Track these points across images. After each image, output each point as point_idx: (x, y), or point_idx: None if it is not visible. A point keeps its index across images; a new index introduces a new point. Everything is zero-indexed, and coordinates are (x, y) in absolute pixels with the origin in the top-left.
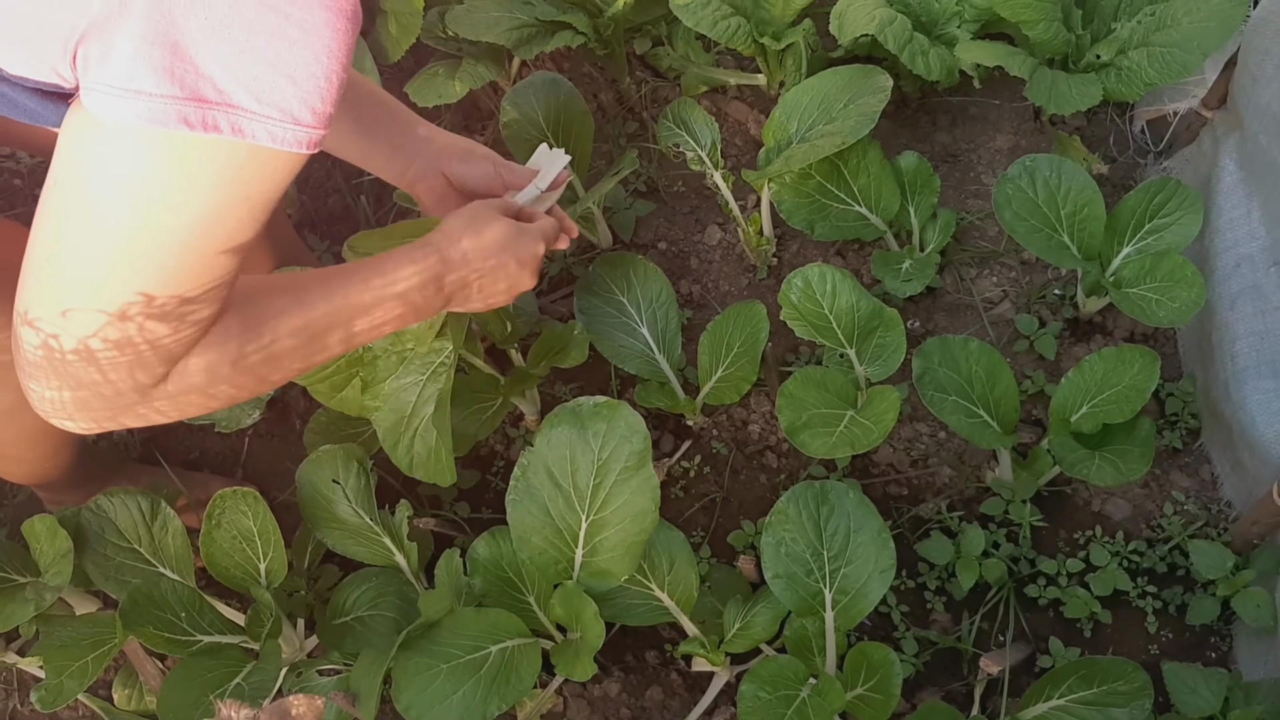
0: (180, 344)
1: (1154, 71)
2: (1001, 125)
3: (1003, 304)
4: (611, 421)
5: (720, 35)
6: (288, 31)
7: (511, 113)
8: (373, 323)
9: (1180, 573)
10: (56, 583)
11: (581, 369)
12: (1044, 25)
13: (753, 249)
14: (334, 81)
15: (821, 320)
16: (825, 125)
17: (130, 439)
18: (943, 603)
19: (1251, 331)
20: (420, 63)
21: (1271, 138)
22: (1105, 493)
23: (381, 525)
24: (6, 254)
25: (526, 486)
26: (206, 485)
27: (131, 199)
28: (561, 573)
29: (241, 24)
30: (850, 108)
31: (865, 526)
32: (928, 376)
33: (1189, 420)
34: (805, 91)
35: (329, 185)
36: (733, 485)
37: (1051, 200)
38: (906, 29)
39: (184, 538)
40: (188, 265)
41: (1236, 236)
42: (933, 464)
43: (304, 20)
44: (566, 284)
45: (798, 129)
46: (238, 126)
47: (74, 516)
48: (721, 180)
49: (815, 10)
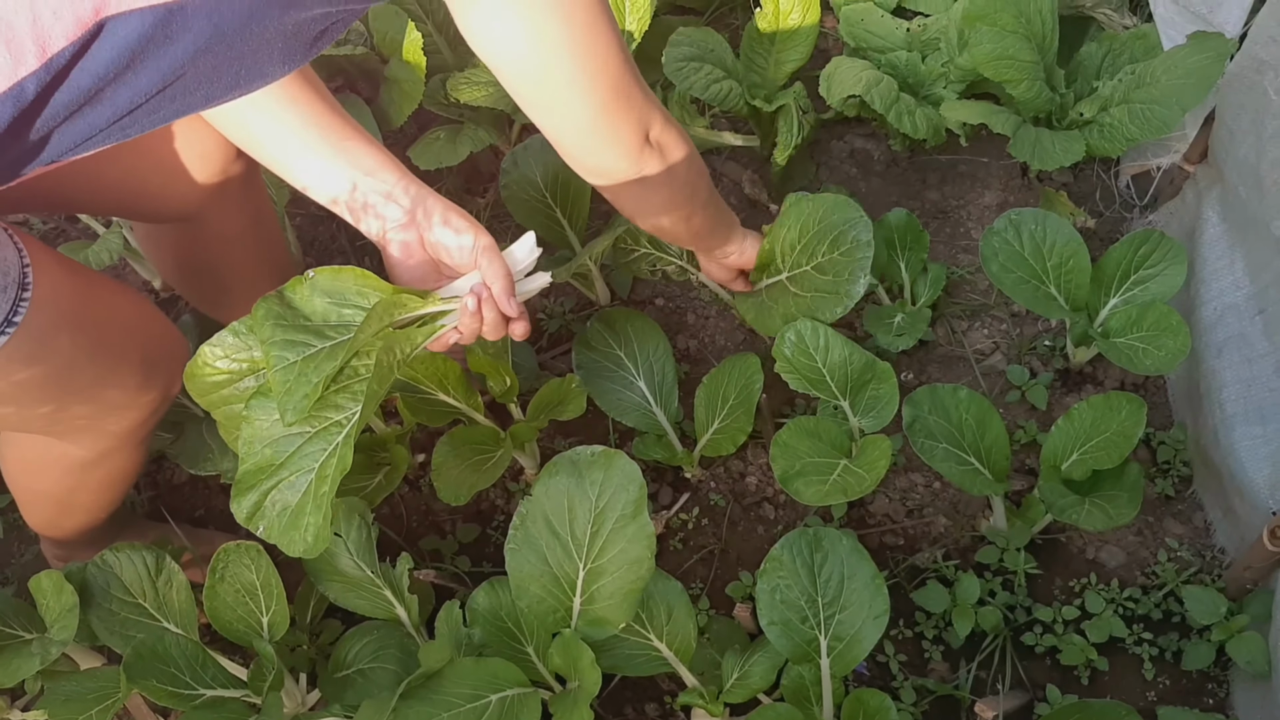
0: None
1: (1135, 128)
2: (990, 182)
3: (994, 355)
4: (608, 470)
5: (713, 98)
6: None
7: (511, 174)
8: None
9: (1175, 619)
10: (62, 637)
11: (581, 423)
12: (1026, 84)
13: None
14: None
15: (815, 374)
16: (812, 269)
17: (138, 497)
18: (940, 651)
19: (1238, 379)
20: (423, 128)
21: (1251, 190)
22: (1099, 540)
23: (383, 578)
24: (126, 317)
25: (525, 535)
26: (212, 541)
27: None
28: (560, 621)
29: None
30: (834, 258)
31: (859, 572)
32: (918, 424)
33: (1181, 468)
34: (785, 225)
35: (334, 246)
36: (731, 537)
37: (1038, 252)
38: (893, 90)
39: (188, 592)
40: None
41: (1221, 286)
42: (928, 514)
43: None
44: (565, 340)
45: (785, 263)
46: None
47: (80, 572)
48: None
49: (805, 73)
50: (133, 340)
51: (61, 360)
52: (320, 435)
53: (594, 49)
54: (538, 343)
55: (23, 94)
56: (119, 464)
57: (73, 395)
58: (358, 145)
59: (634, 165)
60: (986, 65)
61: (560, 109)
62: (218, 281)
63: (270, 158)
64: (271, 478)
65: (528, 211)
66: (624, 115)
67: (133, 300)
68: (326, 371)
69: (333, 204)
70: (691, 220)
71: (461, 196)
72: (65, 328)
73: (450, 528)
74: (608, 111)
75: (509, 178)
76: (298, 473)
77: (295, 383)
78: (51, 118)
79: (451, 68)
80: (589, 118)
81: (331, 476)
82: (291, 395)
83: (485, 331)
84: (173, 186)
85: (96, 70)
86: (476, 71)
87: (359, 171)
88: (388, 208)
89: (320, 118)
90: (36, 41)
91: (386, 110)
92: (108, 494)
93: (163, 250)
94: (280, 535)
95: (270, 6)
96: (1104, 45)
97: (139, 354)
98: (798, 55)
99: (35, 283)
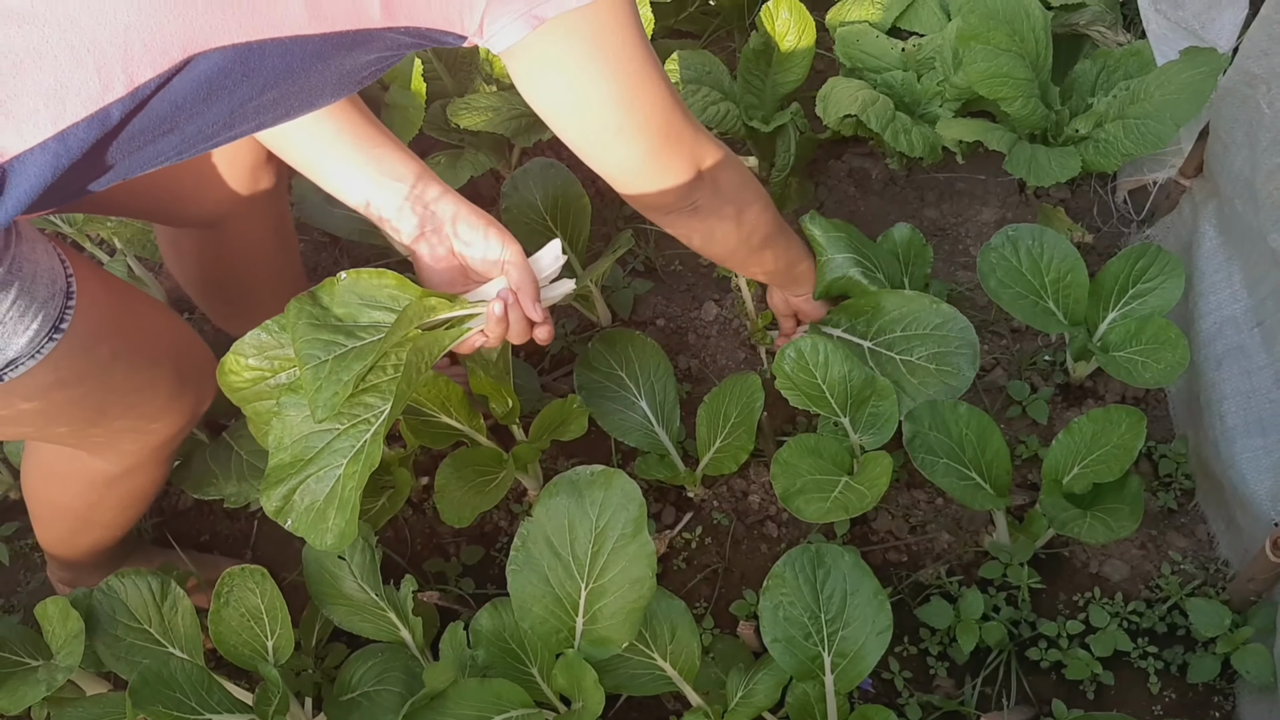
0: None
1: (1130, 143)
2: (988, 199)
3: (995, 371)
4: (608, 490)
5: (711, 121)
6: None
7: (512, 197)
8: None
9: (1180, 632)
10: (68, 664)
11: (583, 444)
12: (1021, 102)
13: (758, 341)
14: None
15: (815, 390)
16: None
17: (143, 523)
18: (945, 668)
19: (1238, 391)
20: (424, 153)
21: (1246, 203)
22: (1103, 554)
23: (387, 601)
24: (160, 330)
25: (527, 556)
26: (217, 566)
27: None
28: (563, 641)
29: None
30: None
31: (861, 588)
32: (918, 440)
33: (1183, 480)
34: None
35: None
36: (734, 555)
37: (1035, 268)
38: (889, 109)
39: (193, 617)
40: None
41: (1219, 299)
42: (931, 530)
43: None
44: (567, 362)
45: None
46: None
47: (85, 598)
48: (744, 284)
49: (802, 94)
50: (166, 353)
51: (101, 369)
52: (349, 432)
53: (640, 99)
54: (540, 364)
55: (108, 119)
56: (141, 481)
57: (108, 406)
58: (389, 152)
59: (685, 199)
60: (981, 83)
61: (610, 155)
62: (236, 291)
63: (304, 163)
64: (301, 472)
65: (528, 234)
66: (673, 156)
67: (166, 314)
68: (356, 371)
69: (365, 208)
70: (764, 255)
71: None
72: (106, 337)
73: (454, 549)
74: (657, 154)
75: (509, 201)
76: (326, 468)
77: (326, 381)
78: (128, 142)
79: (451, 93)
80: (637, 161)
81: (359, 473)
82: (322, 393)
83: (511, 335)
84: (203, 189)
85: (175, 100)
86: (476, 97)
87: (390, 178)
88: (418, 214)
89: (354, 126)
90: (125, 70)
91: None
92: (127, 512)
93: (184, 257)
94: (308, 529)
95: (337, 49)
96: (1098, 62)
97: (172, 366)
98: (794, 76)
99: (78, 291)
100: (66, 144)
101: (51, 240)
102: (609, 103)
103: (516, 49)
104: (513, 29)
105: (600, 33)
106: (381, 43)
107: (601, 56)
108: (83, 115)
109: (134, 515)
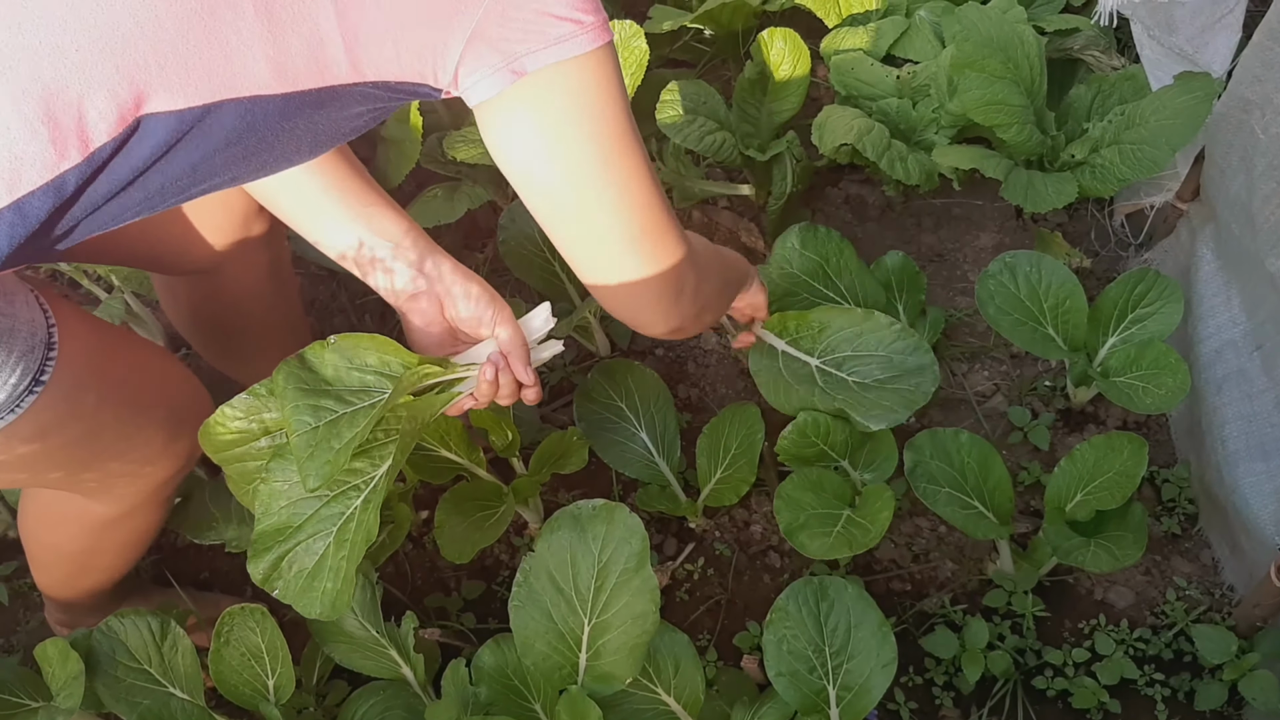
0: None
1: (1126, 168)
2: (985, 225)
3: (995, 397)
4: (611, 524)
5: (707, 150)
6: None
7: (509, 229)
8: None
9: (1186, 659)
10: (68, 705)
11: (583, 476)
12: (1017, 128)
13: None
14: None
15: (820, 455)
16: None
17: (142, 561)
18: (951, 698)
19: (1239, 415)
20: (420, 186)
21: (1243, 227)
22: (1107, 581)
23: (388, 638)
24: (152, 373)
25: (529, 592)
26: (216, 604)
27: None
28: (566, 678)
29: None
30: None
31: (865, 621)
32: (920, 469)
33: (1186, 505)
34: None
35: (334, 305)
36: (737, 586)
37: (1034, 294)
38: (884, 137)
39: (193, 657)
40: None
41: (1218, 323)
42: (934, 558)
43: None
44: (566, 393)
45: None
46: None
47: (85, 639)
48: None
49: (798, 122)
50: (159, 397)
51: (88, 418)
52: (338, 499)
53: (623, 166)
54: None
55: (63, 187)
56: (140, 524)
57: (99, 453)
58: (379, 210)
59: (670, 311)
60: (976, 110)
61: (584, 234)
62: (232, 335)
63: (290, 219)
64: (289, 540)
65: (526, 266)
66: (656, 245)
67: (159, 357)
68: (348, 438)
69: (353, 266)
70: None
71: (460, 252)
72: (92, 385)
73: (455, 584)
74: (635, 242)
75: (507, 233)
76: (315, 536)
77: (318, 448)
78: (88, 205)
79: (448, 126)
80: (616, 247)
81: (351, 541)
82: (314, 460)
83: (499, 398)
84: (193, 238)
85: (134, 164)
86: (473, 130)
87: (379, 238)
88: (407, 275)
89: (342, 182)
90: (79, 136)
91: (384, 169)
92: (125, 555)
93: (179, 301)
94: (296, 598)
95: (303, 107)
96: (1093, 87)
97: (165, 410)
98: (790, 105)
99: (61, 340)
100: (23, 213)
101: (36, 288)
102: (588, 165)
103: (494, 103)
104: (490, 82)
105: (584, 89)
106: (354, 98)
107: (584, 115)
108: (38, 184)
109: (133, 557)
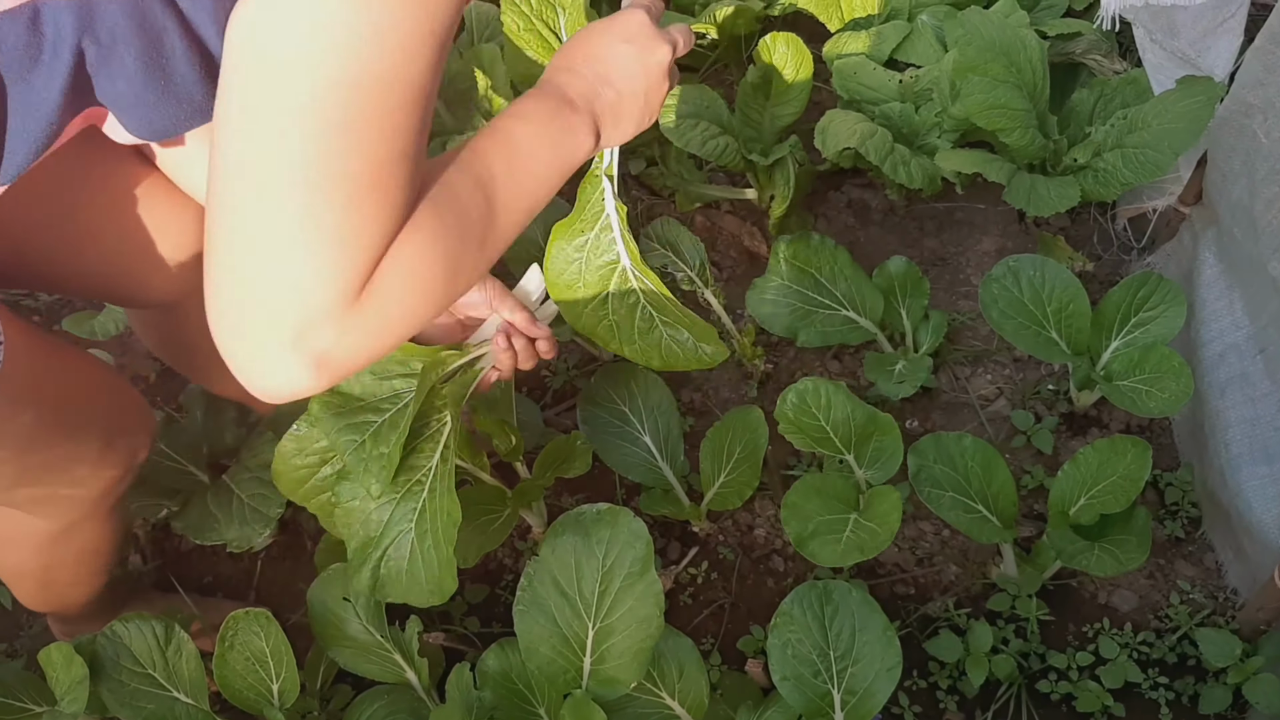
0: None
1: (1129, 172)
2: (988, 229)
3: (998, 401)
4: (615, 528)
5: (710, 154)
6: None
7: None
8: (515, 180)
9: (1191, 662)
10: (73, 710)
11: (587, 480)
12: (1019, 132)
13: (748, 360)
14: None
15: (819, 432)
16: None
17: (144, 566)
18: (955, 701)
19: (1243, 419)
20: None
21: (1245, 231)
22: (1111, 584)
23: (392, 642)
24: (88, 388)
25: (533, 596)
26: (220, 609)
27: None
28: (570, 682)
29: None
30: None
31: (870, 625)
32: (923, 474)
33: (1189, 509)
34: None
35: None
36: (741, 590)
37: (1037, 298)
38: (887, 141)
39: (198, 661)
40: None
41: (1221, 327)
42: (938, 562)
43: None
44: (569, 396)
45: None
46: None
47: (90, 644)
48: (713, 297)
49: (800, 126)
50: (94, 412)
51: (24, 436)
52: (407, 497)
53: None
54: (542, 399)
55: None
56: (90, 535)
57: (31, 470)
58: None
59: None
60: (979, 114)
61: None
62: (209, 357)
63: None
64: (377, 548)
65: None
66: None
67: (96, 370)
68: (394, 440)
69: None
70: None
71: None
72: (29, 403)
73: (459, 588)
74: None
75: None
76: (399, 536)
77: (370, 459)
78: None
79: (450, 130)
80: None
81: (431, 529)
82: (370, 470)
83: (520, 362)
84: (156, 272)
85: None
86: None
87: None
88: None
89: None
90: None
91: None
92: (85, 567)
93: (148, 328)
94: (404, 594)
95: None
96: (1095, 91)
97: (101, 425)
98: (792, 109)
99: (4, 358)
100: None
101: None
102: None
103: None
104: None
105: None
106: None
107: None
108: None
109: (97, 569)
